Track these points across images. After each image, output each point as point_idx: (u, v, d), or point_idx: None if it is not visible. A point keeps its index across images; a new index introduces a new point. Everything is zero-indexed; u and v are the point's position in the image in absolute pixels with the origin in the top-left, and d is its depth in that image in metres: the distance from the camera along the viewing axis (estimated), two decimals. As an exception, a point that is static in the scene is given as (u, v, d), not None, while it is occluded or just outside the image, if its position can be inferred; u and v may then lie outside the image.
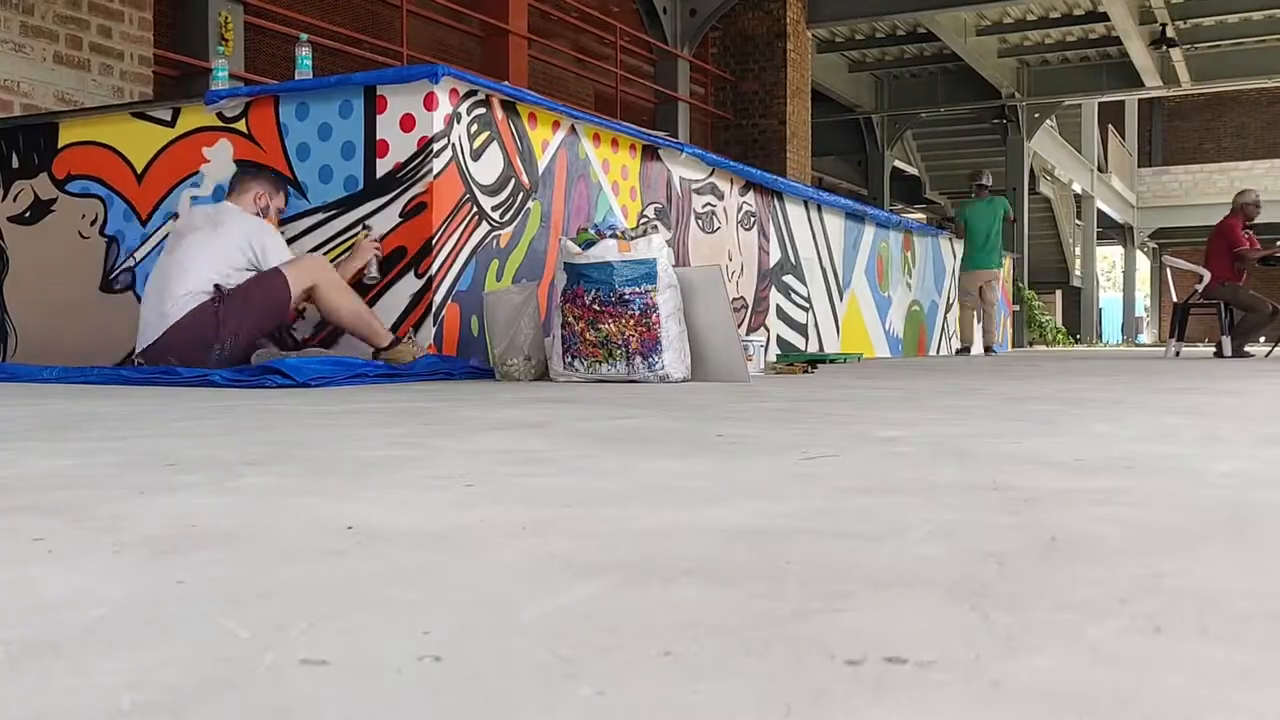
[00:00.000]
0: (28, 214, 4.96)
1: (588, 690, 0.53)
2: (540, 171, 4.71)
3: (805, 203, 7.54)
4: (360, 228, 4.19)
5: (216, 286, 3.81)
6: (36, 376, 3.82)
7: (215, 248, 3.86)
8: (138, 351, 3.93)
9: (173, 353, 3.80)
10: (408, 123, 4.16)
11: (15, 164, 4.98)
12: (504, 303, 4.02)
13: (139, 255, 4.68)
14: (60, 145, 4.87)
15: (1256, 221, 9.12)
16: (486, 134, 4.41)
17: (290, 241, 4.34)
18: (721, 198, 6.37)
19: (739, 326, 6.45)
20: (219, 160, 4.51)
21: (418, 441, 1.71)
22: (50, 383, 3.70)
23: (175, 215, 4.51)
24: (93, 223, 4.80)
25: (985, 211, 10.35)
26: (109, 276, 4.77)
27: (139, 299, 4.68)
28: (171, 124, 4.62)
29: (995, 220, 10.30)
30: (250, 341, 3.91)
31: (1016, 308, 13.43)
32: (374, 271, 4.14)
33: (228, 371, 3.51)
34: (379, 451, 1.57)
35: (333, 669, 0.56)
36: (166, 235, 4.30)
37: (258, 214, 4.05)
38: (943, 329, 10.27)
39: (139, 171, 4.69)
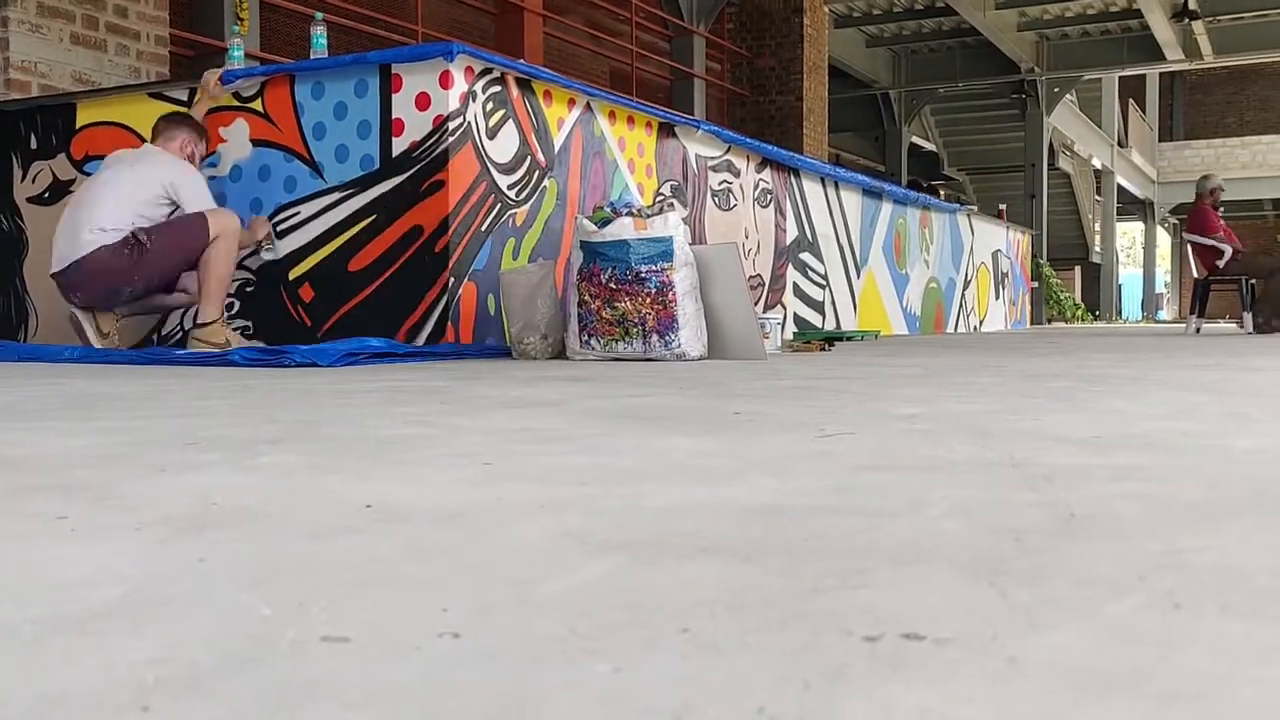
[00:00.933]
0: (46, 194, 4.98)
1: (605, 667, 0.53)
2: (556, 149, 4.70)
3: (822, 179, 7.50)
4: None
5: (134, 233, 3.90)
6: (57, 356, 3.85)
7: (133, 185, 3.96)
8: (51, 273, 4.03)
9: (81, 287, 3.94)
10: (423, 101, 4.15)
11: (34, 145, 5.00)
12: (520, 281, 4.03)
13: (157, 235, 4.70)
14: (78, 126, 4.89)
15: None
16: (502, 112, 4.40)
17: (307, 221, 4.36)
18: (738, 175, 6.34)
19: (755, 304, 6.43)
20: (236, 140, 4.51)
21: (435, 420, 1.72)
22: (71, 362, 3.72)
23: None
24: (111, 203, 4.81)
25: None
26: (128, 257, 4.78)
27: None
28: (188, 104, 4.63)
29: None
30: (165, 284, 4.05)
31: (1035, 284, 13.35)
32: (271, 244, 4.37)
33: (247, 351, 3.53)
34: (396, 430, 1.58)
35: (353, 646, 0.57)
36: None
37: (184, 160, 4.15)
38: (960, 306, 10.22)
39: (156, 152, 4.69)
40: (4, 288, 5.12)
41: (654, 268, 3.82)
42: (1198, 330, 9.05)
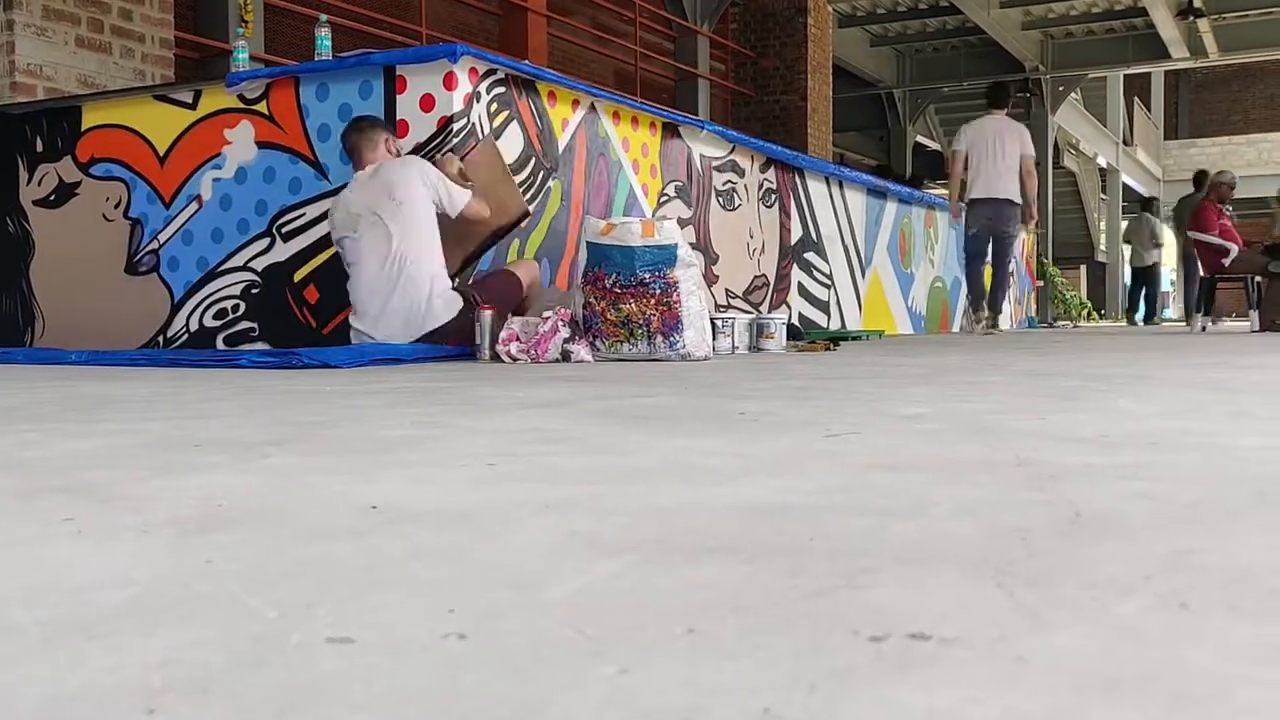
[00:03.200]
0: (52, 197, 4.99)
1: (612, 668, 0.53)
2: (560, 150, 4.70)
3: (826, 179, 7.49)
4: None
5: (469, 296, 3.91)
6: (63, 359, 3.86)
7: (410, 217, 3.85)
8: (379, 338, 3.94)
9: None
10: (427, 102, 4.16)
11: (39, 147, 5.02)
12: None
13: (162, 238, 4.71)
14: (83, 128, 4.90)
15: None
16: (506, 113, 4.40)
17: (312, 223, 4.36)
18: (742, 175, 6.34)
19: (760, 305, 6.43)
20: (240, 142, 4.52)
21: (439, 420, 1.72)
22: (77, 365, 3.73)
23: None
24: (116, 205, 4.83)
25: None
26: (133, 259, 4.80)
27: (164, 281, 4.72)
28: (193, 106, 4.64)
29: None
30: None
31: (1040, 283, 13.34)
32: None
33: (253, 353, 3.54)
34: (401, 431, 1.58)
35: (359, 647, 0.57)
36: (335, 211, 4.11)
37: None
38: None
39: (161, 154, 4.71)
40: (10, 290, 5.13)
41: (657, 273, 3.83)
42: (1204, 329, 9.02)
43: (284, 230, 4.42)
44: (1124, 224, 12.95)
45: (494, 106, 4.33)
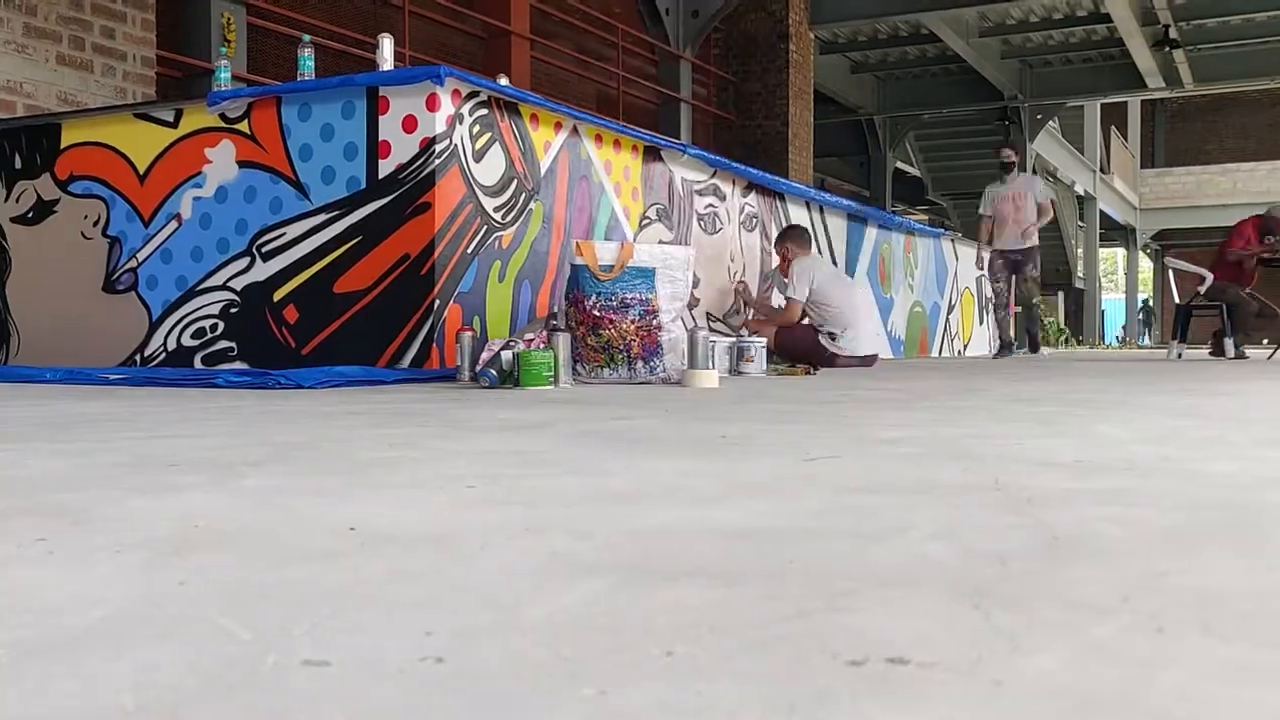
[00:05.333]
0: (30, 214, 4.96)
1: (590, 690, 0.53)
2: (542, 173, 4.71)
3: (807, 204, 7.53)
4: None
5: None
6: (38, 378, 3.82)
7: None
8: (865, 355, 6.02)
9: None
10: (410, 124, 4.16)
11: (18, 164, 4.99)
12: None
13: (141, 256, 4.69)
14: (63, 146, 4.88)
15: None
16: (489, 135, 4.41)
17: (292, 243, 4.35)
18: (724, 199, 6.36)
19: (740, 328, 6.45)
20: (221, 161, 4.51)
21: (419, 442, 1.71)
22: (53, 384, 3.70)
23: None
24: (95, 223, 4.80)
25: None
26: (111, 277, 4.77)
27: (141, 300, 4.69)
28: (174, 125, 4.62)
29: None
30: None
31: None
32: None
33: (231, 373, 3.52)
34: (380, 452, 1.57)
35: (335, 670, 0.56)
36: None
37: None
38: (945, 330, 10.26)
39: (141, 172, 4.69)
40: (-14, 308, 5.09)
41: (638, 295, 3.83)
42: (1179, 356, 9.09)
43: (264, 250, 4.41)
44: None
45: (476, 128, 4.34)
